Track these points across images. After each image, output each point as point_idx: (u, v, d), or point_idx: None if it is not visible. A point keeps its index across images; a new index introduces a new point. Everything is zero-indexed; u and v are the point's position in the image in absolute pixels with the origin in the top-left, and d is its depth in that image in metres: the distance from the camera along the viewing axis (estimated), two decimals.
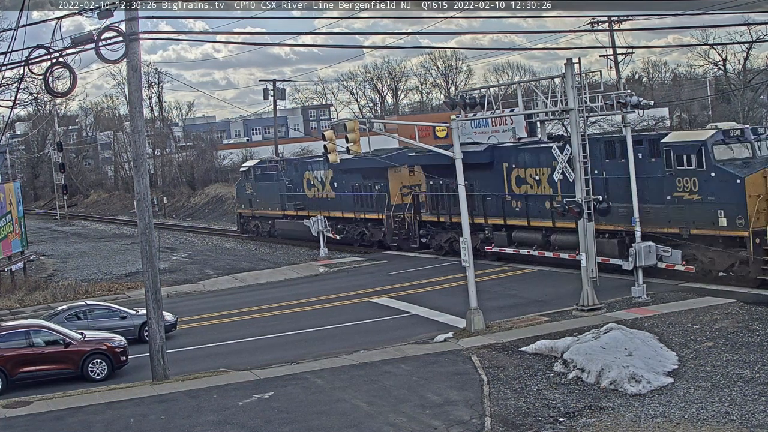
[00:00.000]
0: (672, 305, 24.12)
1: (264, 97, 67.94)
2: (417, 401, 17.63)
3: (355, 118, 32.98)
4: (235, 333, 27.08)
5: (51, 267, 47.38)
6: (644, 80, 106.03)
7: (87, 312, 26.62)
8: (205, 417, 17.62)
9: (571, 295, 25.87)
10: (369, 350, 22.50)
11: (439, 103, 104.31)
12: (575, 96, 24.36)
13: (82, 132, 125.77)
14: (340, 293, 32.06)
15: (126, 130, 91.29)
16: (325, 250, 42.28)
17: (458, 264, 26.71)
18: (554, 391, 17.78)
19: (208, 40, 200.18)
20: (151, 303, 21.24)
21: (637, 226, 26.34)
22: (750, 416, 15.37)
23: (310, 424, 16.75)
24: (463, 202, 24.67)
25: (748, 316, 22.13)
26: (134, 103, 21.44)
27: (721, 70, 74.00)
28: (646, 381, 17.57)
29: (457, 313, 25.77)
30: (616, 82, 54.93)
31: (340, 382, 19.45)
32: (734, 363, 18.41)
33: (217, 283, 38.07)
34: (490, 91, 27.07)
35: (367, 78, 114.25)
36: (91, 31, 19.94)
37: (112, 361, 22.68)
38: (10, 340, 22.24)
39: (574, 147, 24.59)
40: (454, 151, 24.66)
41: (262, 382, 19.99)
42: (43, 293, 36.22)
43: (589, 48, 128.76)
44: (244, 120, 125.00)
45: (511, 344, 21.56)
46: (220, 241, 53.89)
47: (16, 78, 34.38)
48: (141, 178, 21.27)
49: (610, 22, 54.76)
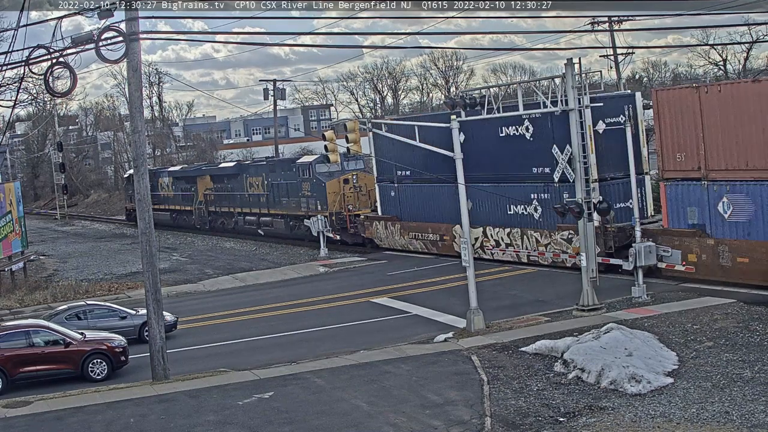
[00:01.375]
0: (672, 305, 24.13)
1: (264, 97, 67.94)
2: (417, 401, 17.63)
3: (355, 118, 32.99)
4: (235, 333, 27.08)
5: (51, 267, 47.36)
6: (644, 80, 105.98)
7: (87, 312, 26.62)
8: (205, 417, 17.63)
9: (571, 295, 25.87)
10: (369, 350, 22.50)
11: (440, 103, 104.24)
12: (575, 96, 24.37)
13: (82, 132, 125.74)
14: (340, 293, 32.07)
15: (126, 130, 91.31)
16: (325, 250, 42.30)
17: (458, 264, 26.71)
18: (554, 391, 17.78)
19: (207, 40, 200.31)
20: (151, 303, 21.24)
21: (637, 225, 26.37)
22: (750, 416, 15.37)
23: (310, 424, 16.75)
24: (463, 202, 24.64)
25: (748, 316, 22.14)
26: (134, 103, 21.44)
27: (721, 70, 73.96)
28: (646, 381, 17.57)
29: (457, 313, 25.77)
30: (616, 83, 54.94)
31: (340, 382, 19.46)
32: (734, 363, 18.42)
33: (217, 283, 38.07)
34: (490, 91, 27.07)
35: (367, 78, 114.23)
36: (91, 31, 19.96)
37: (112, 361, 22.68)
38: (10, 340, 22.24)
39: (574, 147, 24.60)
40: (454, 151, 24.69)
41: (262, 382, 20.00)
42: (43, 293, 36.20)
43: (589, 48, 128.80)
44: (245, 120, 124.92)
45: (511, 344, 21.57)
46: (220, 241, 53.91)
47: (17, 78, 34.37)
48: (141, 178, 21.27)
49: (611, 23, 54.72)
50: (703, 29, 64.05)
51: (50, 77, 20.51)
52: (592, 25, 55.14)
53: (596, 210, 24.98)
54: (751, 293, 24.62)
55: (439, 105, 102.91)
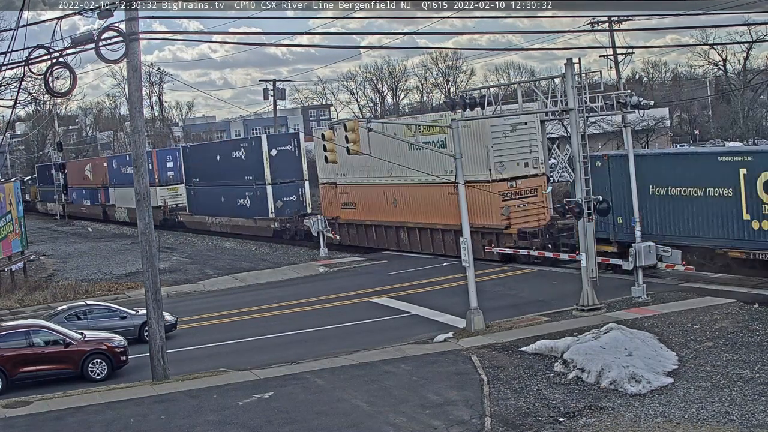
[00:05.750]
0: (672, 305, 24.13)
1: (264, 97, 67.97)
2: (417, 401, 17.64)
3: (355, 118, 33.05)
4: (235, 333, 27.07)
5: (51, 267, 47.32)
6: (644, 80, 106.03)
7: (87, 312, 26.59)
8: (205, 417, 17.63)
9: (571, 295, 25.87)
10: (369, 350, 22.51)
11: (440, 103, 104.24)
12: (575, 96, 24.36)
13: (82, 132, 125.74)
14: (340, 293, 32.05)
15: (126, 129, 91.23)
16: (325, 250, 42.29)
17: (458, 264, 26.71)
18: (554, 391, 17.79)
19: (204, 41, 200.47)
20: (151, 303, 21.24)
21: (637, 225, 26.37)
22: (750, 416, 15.38)
23: (310, 424, 16.76)
24: (463, 202, 24.64)
25: (748, 316, 22.15)
26: (134, 103, 21.44)
27: (721, 70, 73.99)
28: (646, 381, 17.58)
29: (457, 313, 25.76)
30: (616, 82, 54.92)
31: (340, 382, 19.46)
32: (734, 363, 18.42)
33: (217, 283, 38.05)
34: (490, 91, 27.07)
35: (367, 78, 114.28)
36: (91, 31, 19.96)
37: (112, 361, 22.67)
38: (10, 340, 22.24)
39: (574, 147, 24.60)
40: (454, 152, 24.69)
41: (262, 382, 20.00)
42: (43, 293, 36.18)
43: (588, 48, 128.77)
44: (244, 120, 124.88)
45: (511, 344, 21.57)
46: (220, 241, 53.90)
47: (16, 78, 34.32)
48: (141, 178, 21.27)
49: (610, 23, 54.73)
50: (702, 29, 64.10)
51: (50, 77, 20.51)
52: (592, 25, 55.17)
53: (596, 210, 24.99)
54: (752, 293, 24.63)
55: (439, 105, 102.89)
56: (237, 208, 51.96)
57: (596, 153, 30.96)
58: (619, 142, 51.83)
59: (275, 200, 48.78)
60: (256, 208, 49.95)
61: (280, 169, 48.64)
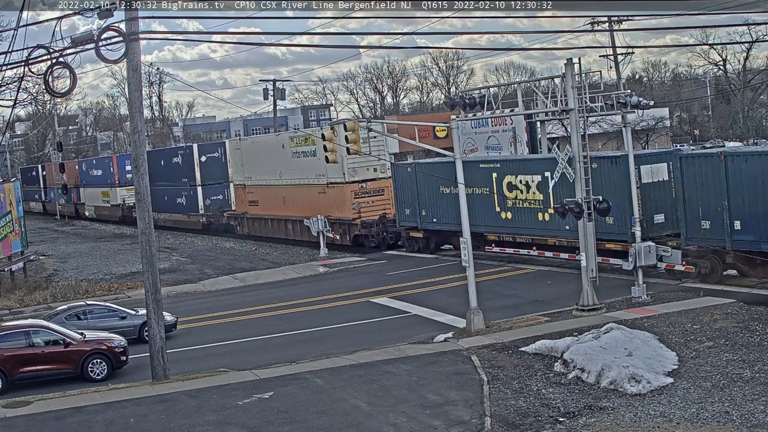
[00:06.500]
0: (672, 305, 24.13)
1: (264, 97, 67.89)
2: (417, 401, 17.64)
3: (355, 118, 33.15)
4: (235, 333, 27.07)
5: (51, 267, 47.35)
6: (644, 80, 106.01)
7: (87, 312, 26.59)
8: (205, 417, 17.63)
9: (571, 295, 25.87)
10: (369, 350, 22.50)
11: (440, 103, 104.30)
12: (575, 96, 24.35)
13: (82, 132, 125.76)
14: (340, 293, 32.04)
15: (126, 129, 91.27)
16: (325, 250, 42.29)
17: (458, 264, 26.72)
18: (554, 391, 17.79)
19: (204, 40, 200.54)
20: (151, 303, 21.24)
21: (637, 225, 26.36)
22: (750, 416, 15.38)
23: (310, 424, 16.76)
24: (463, 202, 24.64)
25: (748, 316, 22.14)
26: (134, 103, 21.44)
27: (721, 70, 74.02)
28: (646, 381, 17.58)
29: (457, 313, 25.76)
30: (616, 82, 54.93)
31: (340, 382, 19.46)
32: (734, 363, 18.42)
33: (217, 283, 38.05)
34: (490, 91, 27.06)
35: (367, 78, 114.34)
36: (91, 31, 19.96)
37: (112, 361, 22.68)
38: (10, 340, 22.24)
39: (574, 147, 24.60)
40: (454, 152, 24.69)
41: (262, 382, 20.00)
42: (43, 293, 36.17)
43: (588, 48, 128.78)
44: (244, 120, 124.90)
45: (511, 344, 21.57)
46: (220, 241, 53.94)
47: (16, 78, 34.33)
48: (141, 178, 21.28)
49: (610, 23, 54.75)
50: (702, 29, 64.11)
51: (50, 77, 20.52)
52: (592, 25, 55.20)
53: (596, 210, 24.99)
54: (752, 293, 24.64)
55: (439, 105, 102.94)
56: (176, 205, 61.56)
57: (405, 162, 41.85)
58: (619, 142, 51.83)
59: (204, 199, 58.58)
60: (190, 206, 59.75)
61: (209, 173, 58.39)
